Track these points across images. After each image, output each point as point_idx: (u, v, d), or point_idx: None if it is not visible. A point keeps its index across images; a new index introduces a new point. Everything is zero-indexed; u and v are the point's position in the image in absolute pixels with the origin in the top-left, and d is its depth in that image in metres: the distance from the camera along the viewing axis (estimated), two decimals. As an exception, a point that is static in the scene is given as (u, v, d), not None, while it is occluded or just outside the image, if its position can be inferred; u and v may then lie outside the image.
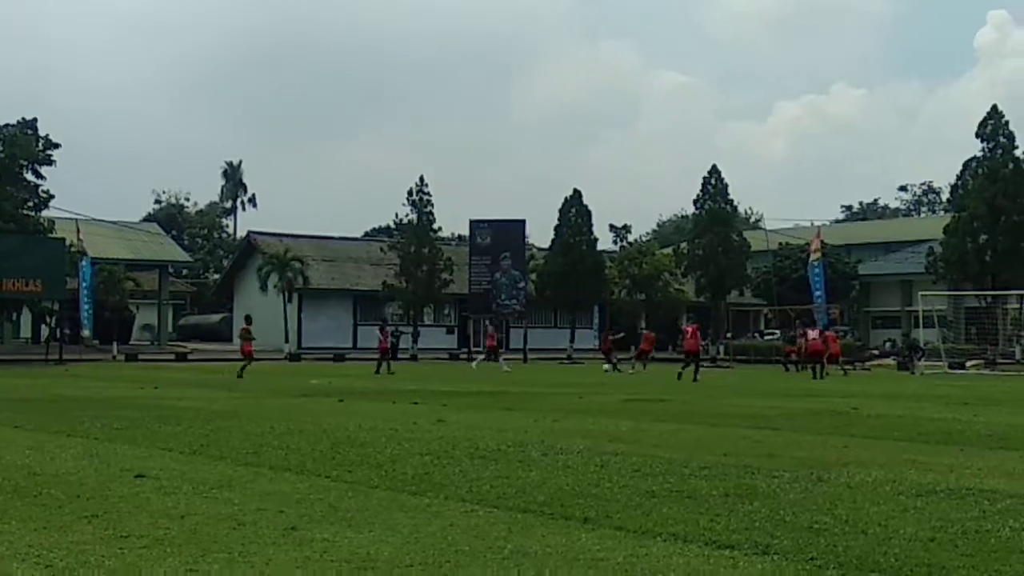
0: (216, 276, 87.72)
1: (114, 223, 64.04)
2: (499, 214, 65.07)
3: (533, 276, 62.57)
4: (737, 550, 6.23)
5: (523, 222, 62.88)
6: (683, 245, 67.10)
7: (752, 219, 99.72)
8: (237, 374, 29.73)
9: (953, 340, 51.63)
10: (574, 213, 62.34)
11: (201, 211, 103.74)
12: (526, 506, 7.73)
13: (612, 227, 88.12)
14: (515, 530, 6.81)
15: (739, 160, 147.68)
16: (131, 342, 60.91)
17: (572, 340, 60.09)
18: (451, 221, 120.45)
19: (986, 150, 53.09)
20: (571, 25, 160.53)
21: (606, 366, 40.33)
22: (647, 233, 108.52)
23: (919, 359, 42.49)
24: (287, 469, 9.77)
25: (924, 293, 49.23)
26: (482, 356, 43.21)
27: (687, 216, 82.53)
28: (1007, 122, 53.05)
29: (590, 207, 62.82)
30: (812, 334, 38.76)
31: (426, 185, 60.90)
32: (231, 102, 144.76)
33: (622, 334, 47.29)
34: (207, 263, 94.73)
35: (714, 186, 62.46)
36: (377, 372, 35.15)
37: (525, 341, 57.56)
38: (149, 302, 65.83)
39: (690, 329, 33.31)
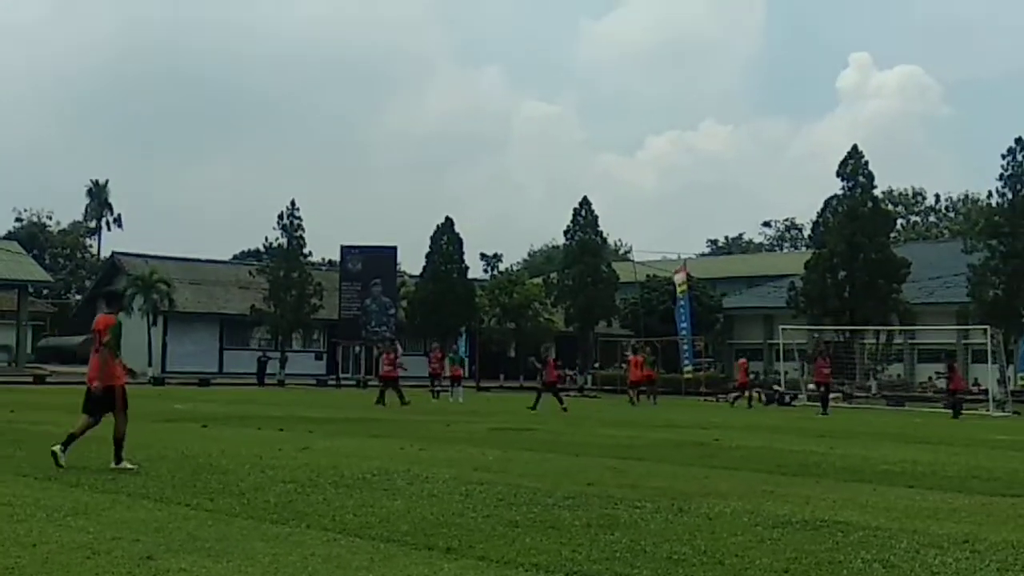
0: (78, 297, 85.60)
1: (-30, 240, 62.11)
2: (371, 240, 64.88)
3: (404, 303, 62.42)
4: (597, 580, 6.29)
5: (394, 249, 62.76)
6: (553, 275, 67.69)
7: (621, 250, 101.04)
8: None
9: (812, 373, 52.89)
10: (446, 241, 62.46)
11: (64, 230, 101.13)
12: (389, 536, 7.69)
13: (483, 255, 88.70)
14: (377, 560, 6.78)
15: (608, 191, 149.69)
16: (-14, 363, 59.04)
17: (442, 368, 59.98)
18: (322, 246, 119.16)
19: (846, 188, 54.63)
20: (441, 51, 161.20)
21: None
22: (518, 262, 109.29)
23: (789, 399, 43.82)
24: (145, 496, 9.56)
25: (785, 327, 50.39)
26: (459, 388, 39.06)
27: (558, 246, 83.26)
28: (866, 162, 54.70)
29: (461, 235, 63.04)
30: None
31: (297, 209, 60.41)
32: (97, 121, 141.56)
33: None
34: (69, 283, 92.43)
35: (584, 217, 63.21)
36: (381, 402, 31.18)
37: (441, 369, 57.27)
38: (7, 323, 63.83)
39: (551, 361, 33.73)
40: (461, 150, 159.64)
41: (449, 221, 63.05)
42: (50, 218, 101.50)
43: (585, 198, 63.66)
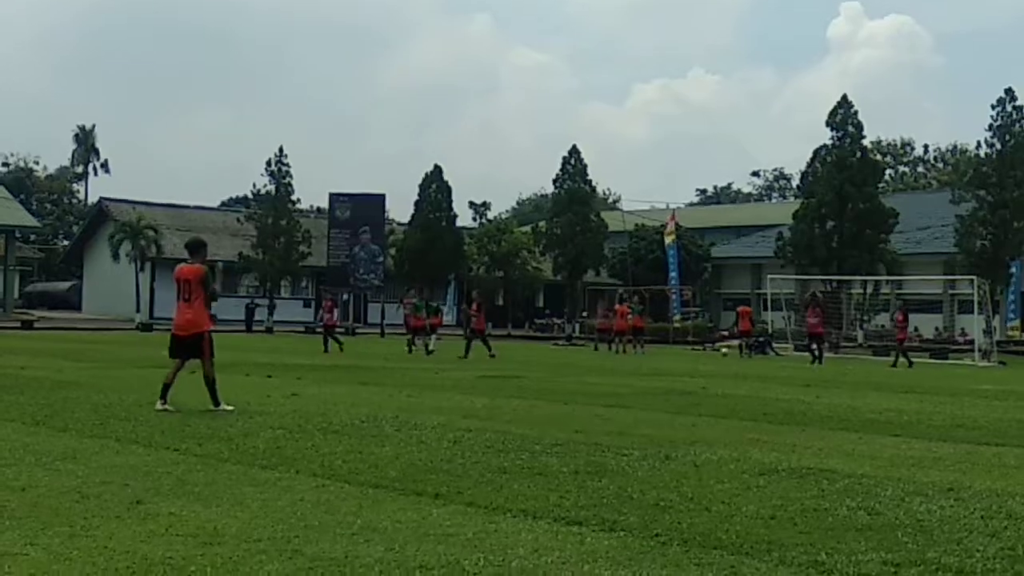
0: (66, 243, 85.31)
1: (-43, 185, 61.73)
2: (359, 188, 64.71)
3: (392, 251, 62.36)
4: (585, 526, 6.33)
5: (383, 196, 62.65)
6: (541, 224, 67.63)
7: (610, 199, 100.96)
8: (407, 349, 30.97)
9: (799, 323, 53.08)
10: (434, 189, 62.31)
11: (51, 176, 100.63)
12: (378, 481, 7.72)
13: (472, 204, 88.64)
14: (366, 505, 6.80)
15: (597, 140, 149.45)
16: (-27, 309, 58.87)
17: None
18: (310, 193, 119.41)
19: (835, 139, 54.53)
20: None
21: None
22: (507, 211, 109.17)
23: (768, 349, 43.75)
24: (134, 441, 9.58)
25: (773, 276, 50.51)
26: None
27: (546, 195, 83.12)
28: (856, 112, 54.55)
29: (450, 183, 62.89)
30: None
31: (285, 156, 60.19)
32: (85, 65, 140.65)
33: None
34: (56, 229, 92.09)
35: (573, 166, 63.06)
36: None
37: (383, 316, 57.35)
38: (-7, 268, 63.67)
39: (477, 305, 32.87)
40: (450, 99, 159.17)
41: (438, 169, 62.87)
42: (37, 163, 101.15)
43: (574, 146, 63.51)
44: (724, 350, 41.36)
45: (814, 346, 34.48)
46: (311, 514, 6.47)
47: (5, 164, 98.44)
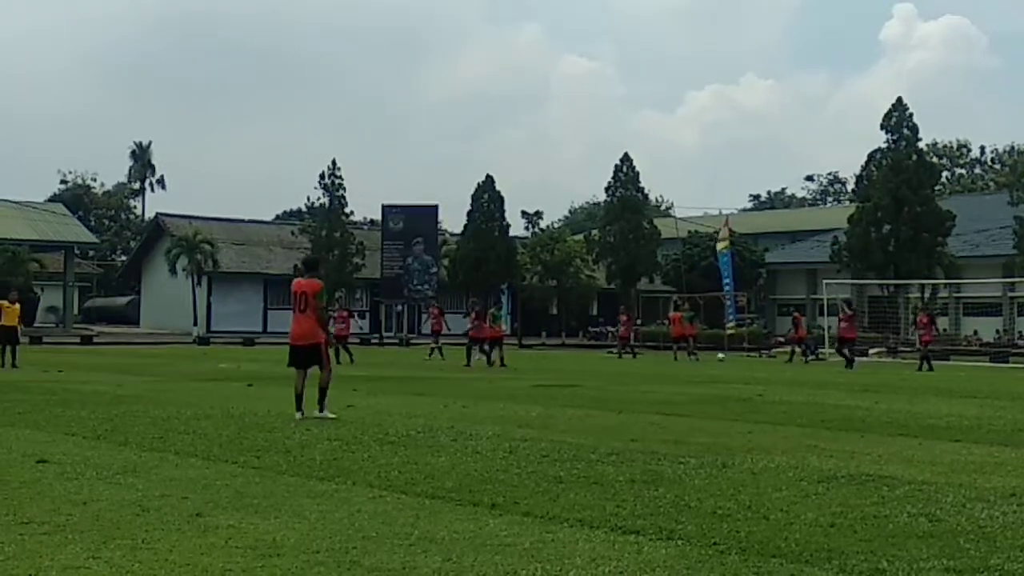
0: (123, 258, 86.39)
1: (17, 203, 62.60)
2: (412, 198, 65.07)
3: (445, 261, 62.52)
4: (642, 535, 6.31)
5: (436, 207, 62.86)
6: (594, 232, 67.48)
7: (662, 207, 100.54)
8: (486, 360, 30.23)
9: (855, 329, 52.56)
10: (486, 199, 62.38)
11: (108, 192, 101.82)
12: (434, 492, 7.74)
13: (524, 213, 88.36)
14: (423, 516, 6.82)
15: (649, 147, 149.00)
16: (35, 324, 59.72)
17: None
18: (363, 205, 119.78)
19: (890, 142, 54.02)
20: (478, 10, 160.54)
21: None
22: (559, 219, 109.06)
23: (817, 352, 43.32)
24: (193, 455, 9.67)
25: (828, 281, 50.02)
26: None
27: (599, 203, 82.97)
28: (911, 114, 54.02)
29: (502, 193, 62.96)
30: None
31: (338, 168, 60.61)
32: (141, 82, 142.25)
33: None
34: (114, 245, 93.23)
35: (625, 174, 62.92)
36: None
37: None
38: (54, 284, 64.56)
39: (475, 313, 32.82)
40: (501, 109, 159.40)
41: (490, 179, 62.94)
42: (95, 180, 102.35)
43: (626, 154, 63.35)
44: (720, 356, 40.69)
45: (845, 351, 34.08)
46: (368, 525, 6.49)
47: (64, 182, 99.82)
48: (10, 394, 16.84)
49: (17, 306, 27.01)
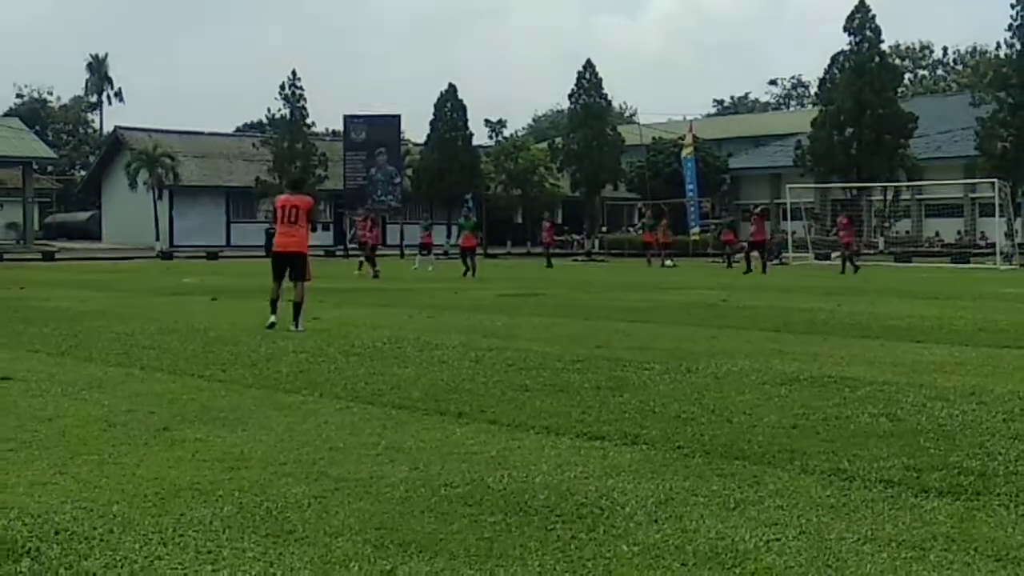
0: (83, 173, 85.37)
1: (-29, 118, 61.65)
2: (374, 110, 64.40)
3: (409, 172, 62.19)
4: (607, 441, 6.36)
5: (398, 117, 62.33)
6: (558, 140, 67.26)
7: (626, 113, 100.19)
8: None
9: (820, 232, 52.91)
10: (449, 108, 61.97)
11: (65, 106, 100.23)
12: (401, 402, 7.77)
13: (487, 122, 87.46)
14: (389, 426, 6.86)
15: (612, 54, 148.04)
16: (-6, 241, 59.24)
17: (449, 236, 60.09)
18: (325, 116, 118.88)
19: (853, 44, 53.97)
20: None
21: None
22: (523, 128, 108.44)
23: (779, 256, 43.51)
24: (159, 369, 9.65)
25: (792, 186, 50.22)
26: (425, 255, 37.85)
27: (562, 111, 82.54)
28: (873, 16, 53.90)
29: (465, 102, 62.49)
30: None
31: (299, 79, 59.98)
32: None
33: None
34: (73, 160, 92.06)
35: (588, 80, 62.59)
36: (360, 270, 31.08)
37: (402, 237, 57.37)
38: (13, 200, 63.92)
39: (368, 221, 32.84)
40: (463, 18, 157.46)
41: (452, 88, 62.47)
42: (51, 94, 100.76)
43: (589, 61, 63.00)
44: (668, 263, 40.29)
45: (753, 254, 34.01)
46: (335, 436, 6.52)
47: (19, 96, 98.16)
48: (-28, 312, 16.71)
49: None
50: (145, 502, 5.03)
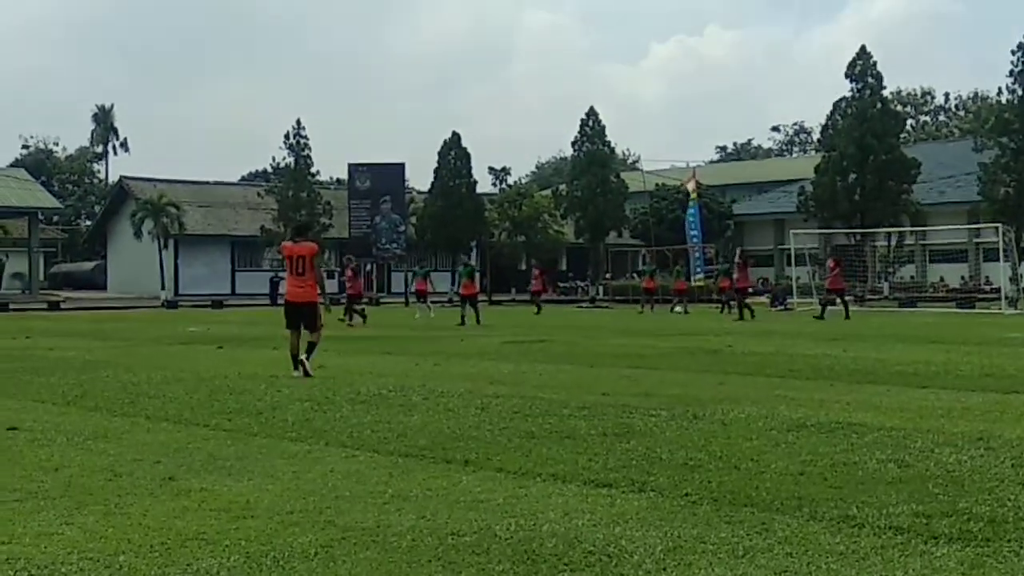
0: (88, 223, 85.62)
1: (-22, 169, 61.94)
2: (378, 158, 64.64)
3: (413, 219, 62.30)
4: (615, 488, 6.35)
5: (402, 165, 62.51)
6: (562, 187, 67.40)
7: (629, 160, 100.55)
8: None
9: (824, 277, 52.82)
10: (453, 156, 62.13)
11: (71, 156, 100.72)
12: (407, 450, 7.76)
13: (491, 169, 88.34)
14: (396, 474, 6.84)
15: (614, 101, 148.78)
16: (1, 291, 59.30)
17: (453, 283, 60.07)
18: (329, 165, 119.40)
19: (855, 90, 54.09)
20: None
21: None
22: (526, 175, 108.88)
23: (784, 302, 43.54)
24: (164, 419, 9.65)
25: (796, 231, 50.19)
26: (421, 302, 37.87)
27: (566, 158, 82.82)
28: (875, 63, 54.10)
29: (469, 149, 62.73)
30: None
31: (303, 128, 60.19)
32: (101, 46, 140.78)
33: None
34: (78, 209, 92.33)
35: (591, 127, 62.77)
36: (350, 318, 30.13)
37: (407, 285, 57.31)
38: (19, 250, 64.02)
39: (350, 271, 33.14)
40: (465, 65, 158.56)
41: (456, 136, 62.66)
42: (56, 144, 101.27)
43: (592, 108, 63.19)
44: (677, 308, 40.57)
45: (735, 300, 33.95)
46: (342, 485, 6.51)
47: (25, 147, 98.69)
48: (-23, 362, 16.72)
49: None
50: (151, 552, 5.01)
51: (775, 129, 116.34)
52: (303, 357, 13.39)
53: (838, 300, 32.80)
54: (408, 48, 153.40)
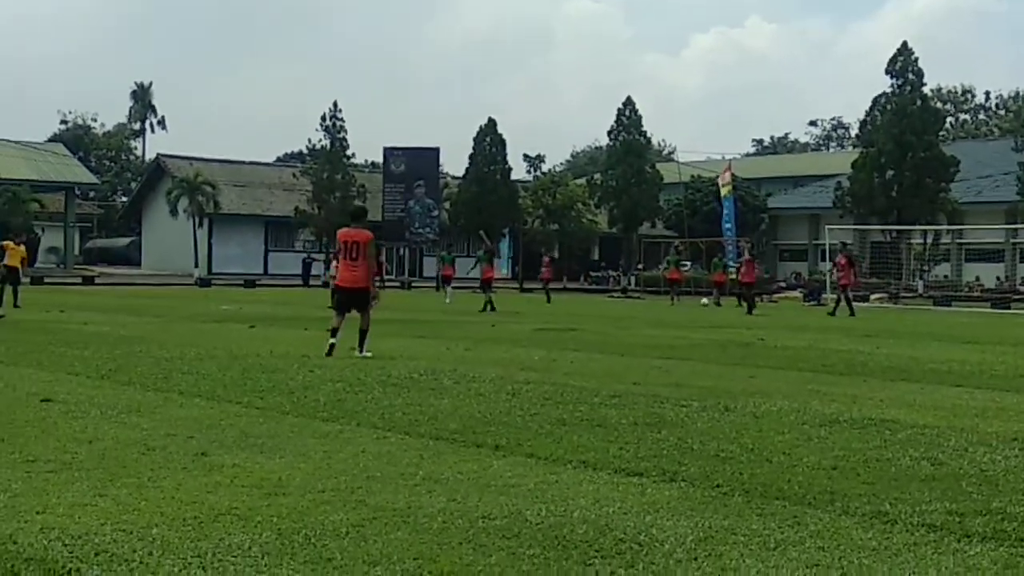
0: (124, 199, 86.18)
1: (18, 143, 62.41)
2: (414, 142, 64.75)
3: (447, 204, 62.37)
4: (646, 477, 6.33)
5: (437, 150, 62.70)
6: (596, 176, 67.31)
7: (665, 151, 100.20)
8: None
9: (858, 274, 52.56)
10: (488, 142, 62.13)
11: (108, 133, 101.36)
12: (438, 433, 7.76)
13: (526, 156, 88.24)
14: (427, 457, 6.85)
15: (652, 91, 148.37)
16: (36, 265, 59.74)
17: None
18: (365, 148, 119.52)
19: (895, 86, 53.77)
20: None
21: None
22: (561, 163, 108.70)
23: (818, 298, 43.33)
24: (197, 395, 9.70)
25: (831, 227, 49.96)
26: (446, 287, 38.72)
27: (601, 147, 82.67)
28: (916, 59, 53.75)
29: (504, 136, 62.69)
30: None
31: (339, 111, 60.36)
32: (141, 23, 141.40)
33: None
34: (115, 186, 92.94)
35: (628, 117, 62.64)
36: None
37: (438, 270, 57.41)
38: (55, 224, 64.51)
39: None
40: (504, 52, 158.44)
41: (492, 122, 62.65)
42: (95, 120, 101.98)
43: (629, 98, 63.07)
44: (704, 301, 40.24)
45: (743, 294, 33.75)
46: (373, 465, 6.52)
47: (64, 122, 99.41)
48: (13, 333, 16.87)
49: (23, 247, 27.21)
50: (184, 526, 5.04)
51: (813, 123, 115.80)
52: (357, 352, 13.57)
53: (842, 297, 32.41)
54: (447, 34, 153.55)
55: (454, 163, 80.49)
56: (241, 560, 4.51)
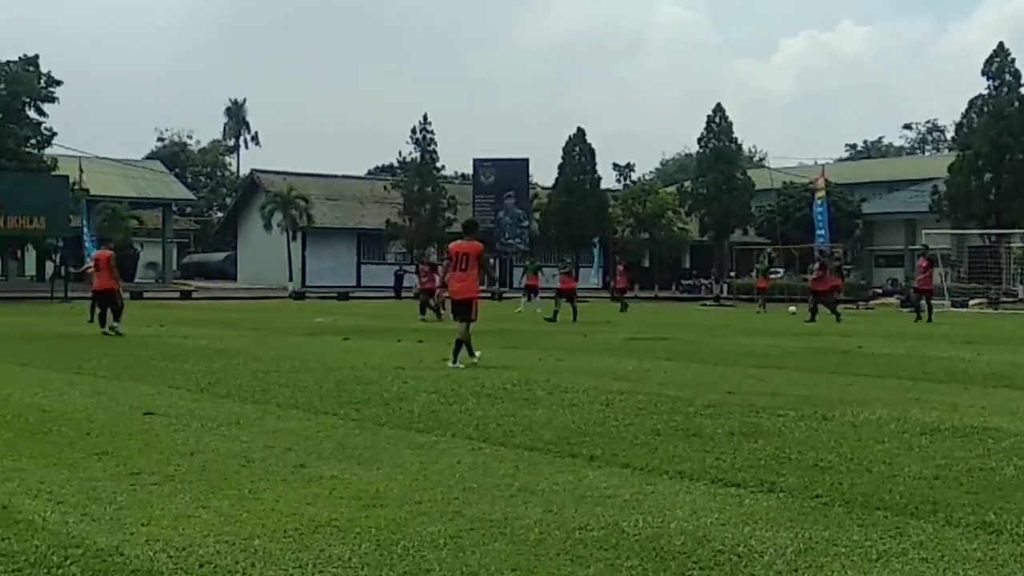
0: (219, 214, 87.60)
1: (117, 161, 63.74)
2: (502, 151, 65.00)
3: (537, 215, 62.44)
4: (743, 488, 6.28)
5: (526, 160, 62.72)
6: (687, 183, 66.89)
7: (756, 157, 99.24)
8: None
9: (956, 279, 51.61)
10: (578, 151, 62.08)
11: (204, 149, 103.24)
12: (532, 444, 7.78)
13: (616, 165, 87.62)
14: (522, 468, 6.86)
15: (742, 97, 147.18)
16: (135, 280, 60.99)
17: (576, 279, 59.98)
18: (455, 159, 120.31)
19: (992, 88, 52.74)
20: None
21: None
22: (651, 171, 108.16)
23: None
24: (294, 407, 9.82)
25: (928, 231, 49.01)
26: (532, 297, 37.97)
27: (691, 154, 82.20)
28: (1013, 60, 52.68)
29: (593, 145, 62.58)
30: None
31: (429, 123, 60.72)
32: (235, 41, 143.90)
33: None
34: (210, 201, 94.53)
35: (718, 124, 62.19)
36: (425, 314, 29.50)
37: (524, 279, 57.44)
38: (153, 240, 65.76)
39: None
40: (592, 60, 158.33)
41: (581, 132, 62.59)
42: (190, 137, 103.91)
43: (719, 104, 62.60)
44: (792, 308, 39.41)
45: (819, 303, 32.78)
46: (469, 476, 6.55)
47: (160, 139, 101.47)
48: (115, 348, 17.23)
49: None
50: (285, 537, 5.11)
51: (907, 127, 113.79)
52: (450, 363, 13.86)
53: (923, 302, 31.63)
54: (535, 42, 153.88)
55: (543, 173, 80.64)
56: (341, 571, 4.57)
